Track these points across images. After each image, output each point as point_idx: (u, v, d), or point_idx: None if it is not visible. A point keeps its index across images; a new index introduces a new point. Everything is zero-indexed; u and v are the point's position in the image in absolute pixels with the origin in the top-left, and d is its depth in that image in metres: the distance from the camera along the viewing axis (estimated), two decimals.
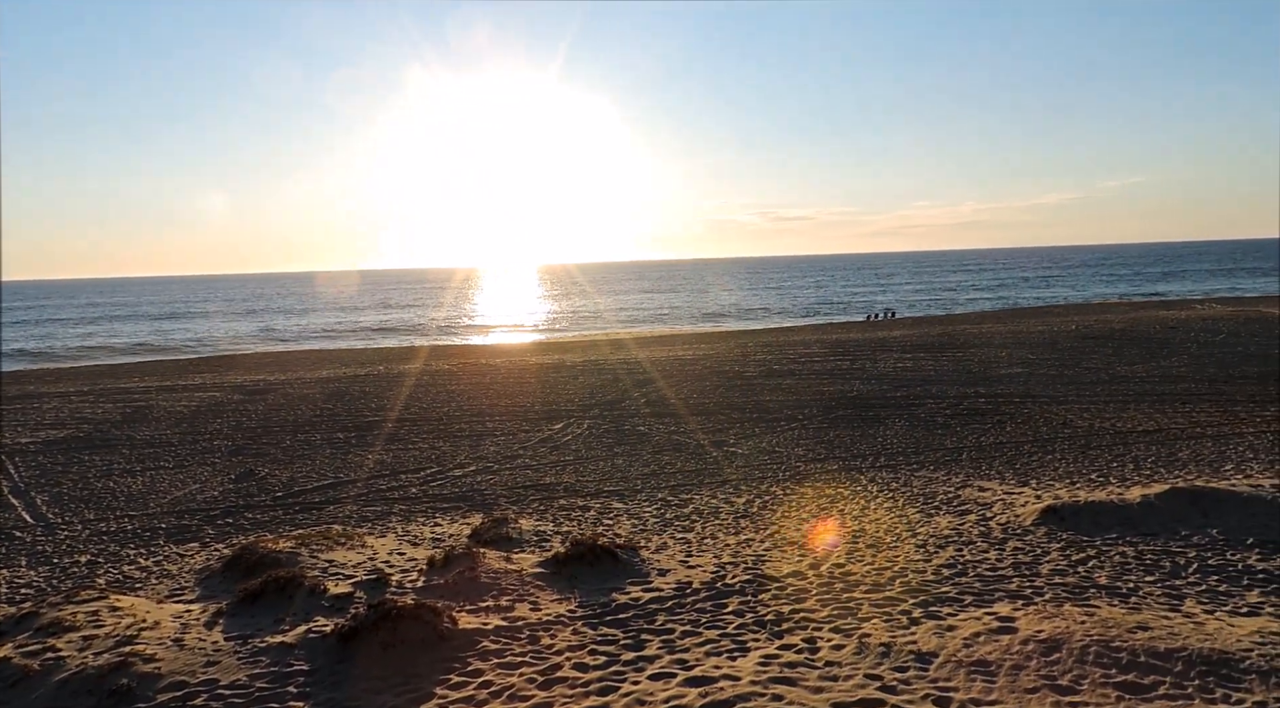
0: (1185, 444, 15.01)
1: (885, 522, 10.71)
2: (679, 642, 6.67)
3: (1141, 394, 20.14)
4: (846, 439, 16.70)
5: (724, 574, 8.39)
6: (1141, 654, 5.77)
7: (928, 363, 26.81)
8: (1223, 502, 10.34)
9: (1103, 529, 9.72)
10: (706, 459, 15.44)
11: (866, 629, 6.69)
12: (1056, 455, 14.66)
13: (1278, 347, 27.31)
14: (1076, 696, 5.30)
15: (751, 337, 42.39)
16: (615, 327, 62.49)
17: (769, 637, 6.68)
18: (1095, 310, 50.08)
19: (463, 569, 8.18)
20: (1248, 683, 5.36)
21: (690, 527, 11.08)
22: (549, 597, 7.79)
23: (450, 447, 17.18)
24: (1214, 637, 6.10)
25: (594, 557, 8.65)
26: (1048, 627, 6.28)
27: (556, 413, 20.47)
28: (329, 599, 7.70)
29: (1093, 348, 28.70)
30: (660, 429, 18.28)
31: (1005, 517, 10.54)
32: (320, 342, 55.29)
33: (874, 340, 34.42)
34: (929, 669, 5.80)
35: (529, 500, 13.08)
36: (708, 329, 56.44)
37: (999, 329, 37.26)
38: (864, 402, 20.57)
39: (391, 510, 12.76)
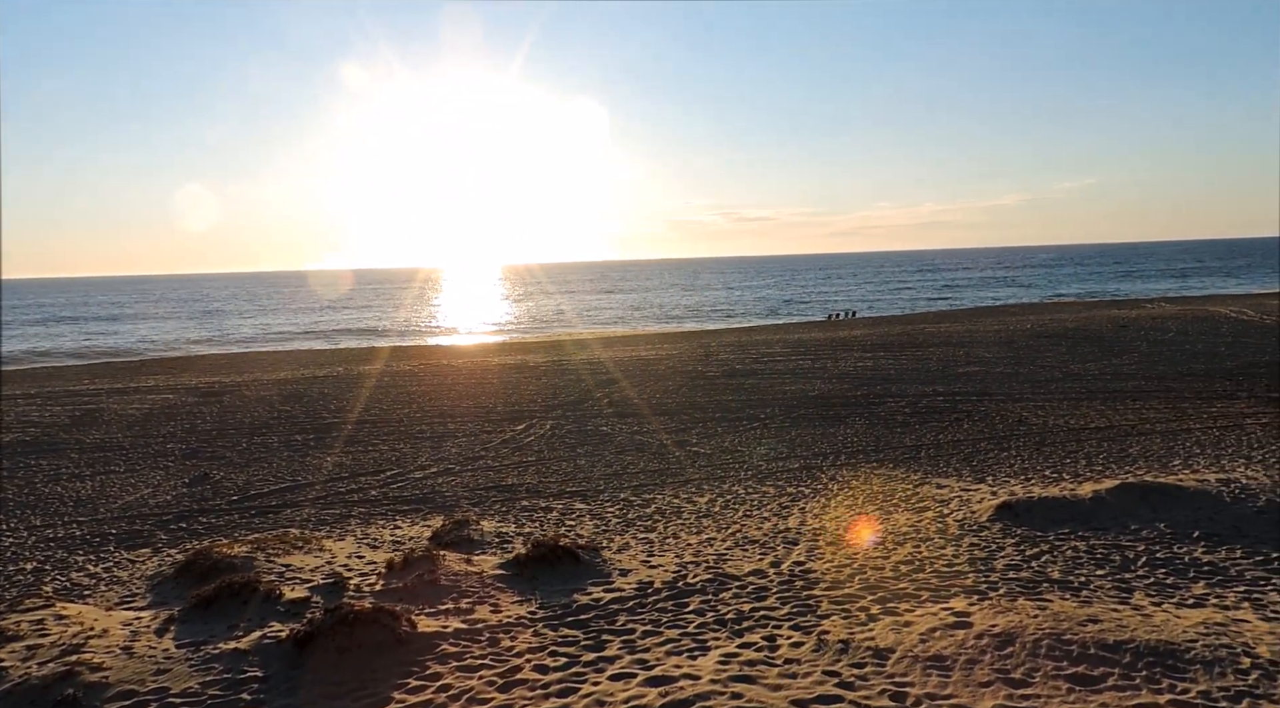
0: (1135, 440, 15.38)
1: (845, 519, 10.81)
2: (640, 642, 6.67)
3: (1094, 392, 20.60)
4: (808, 438, 16.84)
5: (685, 574, 8.41)
6: (1092, 647, 5.90)
7: (887, 362, 27.15)
8: (1170, 497, 10.61)
9: (1056, 524, 9.91)
10: (669, 459, 15.47)
11: (826, 627, 6.75)
12: (1012, 452, 14.94)
13: (1223, 345, 28.12)
14: (1029, 688, 5.40)
15: (714, 336, 42.59)
16: (578, 327, 62.40)
17: (729, 635, 6.71)
18: (1049, 310, 51.14)
19: (422, 572, 8.10)
20: (1192, 673, 5.51)
21: (652, 527, 11.09)
22: (510, 599, 7.74)
23: (411, 448, 17.01)
24: (1161, 628, 6.26)
25: (556, 558, 8.62)
26: (1002, 621, 6.39)
27: (519, 414, 20.37)
28: (285, 604, 7.57)
29: (1047, 346, 29.29)
30: (623, 429, 18.28)
31: (962, 513, 10.71)
32: (278, 343, 54.39)
33: (835, 340, 34.78)
34: (886, 665, 5.86)
35: (491, 502, 12.99)
36: (670, 329, 56.59)
37: (957, 328, 37.87)
38: (825, 401, 20.77)
39: (350, 513, 12.59)
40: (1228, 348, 27.44)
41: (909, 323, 45.78)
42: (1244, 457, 13.55)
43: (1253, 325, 33.24)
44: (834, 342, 34.01)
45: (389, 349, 43.28)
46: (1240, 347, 27.59)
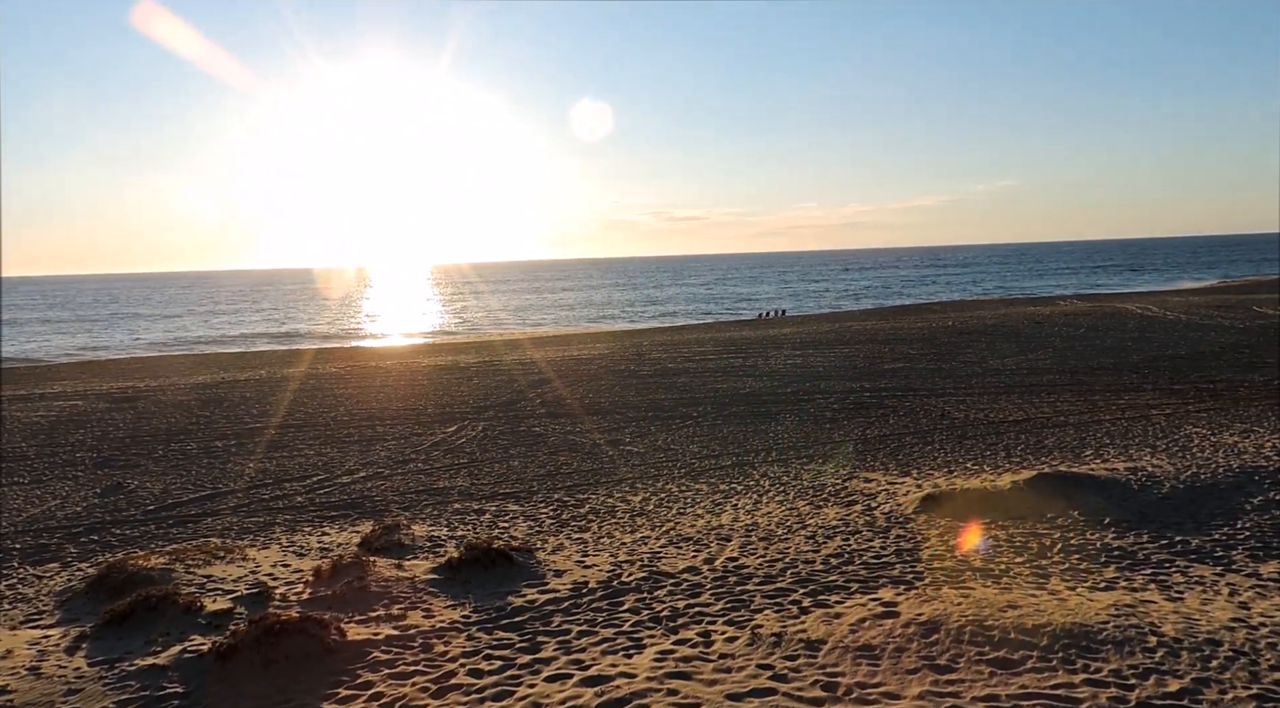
0: (1051, 432, 16.02)
1: (777, 515, 10.99)
2: (575, 642, 6.65)
3: (1012, 386, 21.37)
4: (740, 435, 17.05)
5: (620, 573, 8.42)
6: (1012, 632, 6.13)
7: (816, 359, 27.68)
8: (1083, 485, 11.10)
9: (977, 515, 10.25)
10: (602, 459, 15.47)
11: (759, 621, 6.84)
12: (935, 446, 15.39)
13: (1130, 340, 29.52)
14: (953, 674, 5.57)
15: (646, 335, 42.76)
16: (510, 327, 61.86)
17: (664, 633, 6.74)
18: (969, 307, 52.88)
19: (352, 579, 7.92)
20: (1105, 653, 5.77)
21: (587, 527, 11.07)
22: (443, 603, 7.63)
23: (338, 452, 16.61)
24: (1075, 612, 6.53)
25: (489, 561, 8.53)
26: (927, 610, 6.59)
27: (450, 415, 20.09)
28: (206, 617, 7.31)
29: (967, 343, 30.27)
30: (556, 430, 18.20)
31: (889, 506, 10.99)
32: (195, 345, 52.44)
33: (765, 338, 35.29)
34: (818, 656, 5.98)
35: (422, 505, 12.78)
36: (603, 328, 56.59)
37: (882, 326, 38.84)
38: (756, 398, 21.05)
39: (275, 521, 12.22)
40: (1134, 343, 28.81)
41: (836, 321, 46.76)
42: (1150, 446, 14.24)
43: (1157, 321, 34.99)
44: (764, 340, 34.50)
45: (313, 351, 42.15)
46: (1145, 342, 29.00)
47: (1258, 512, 10.00)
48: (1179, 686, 5.26)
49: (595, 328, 57.98)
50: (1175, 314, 36.99)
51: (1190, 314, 36.70)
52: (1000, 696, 5.23)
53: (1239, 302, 41.86)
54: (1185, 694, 5.15)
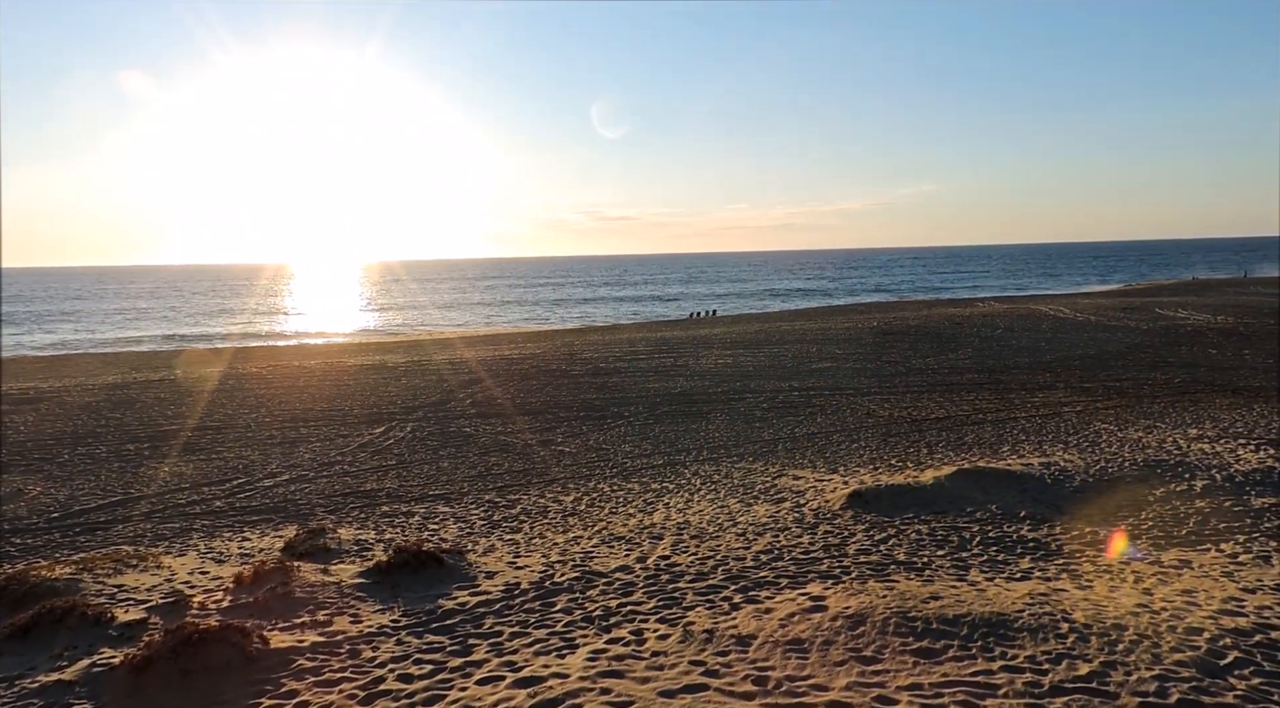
0: (970, 429, 16.58)
1: (708, 513, 11.10)
2: (507, 644, 6.60)
3: (934, 385, 22.05)
4: (671, 434, 17.16)
5: (552, 573, 8.39)
6: (934, 622, 6.32)
7: (746, 359, 28.04)
8: (1001, 480, 11.53)
9: (901, 510, 10.56)
10: (534, 459, 15.38)
11: (691, 618, 6.90)
12: (861, 443, 15.77)
13: (1044, 340, 30.77)
14: (879, 664, 5.73)
15: (578, 335, 42.65)
16: (440, 326, 60.95)
17: (597, 632, 6.74)
18: (893, 308, 54.32)
19: (275, 585, 7.69)
20: (1020, 640, 6.01)
21: (518, 528, 10.99)
22: (371, 608, 7.48)
23: (260, 455, 16.10)
24: (993, 601, 6.78)
25: (419, 563, 8.39)
26: (854, 603, 6.75)
27: (378, 416, 19.68)
28: (118, 628, 7.00)
29: (892, 343, 31.10)
30: (487, 430, 18.01)
31: (817, 503, 11.21)
32: (105, 344, 50.15)
33: (696, 338, 35.59)
34: (749, 651, 6.06)
35: (348, 509, 12.49)
36: (534, 328, 56.23)
37: (810, 327, 39.59)
38: (687, 397, 21.22)
39: (193, 527, 11.78)
40: (1047, 343, 30.04)
41: (766, 321, 47.46)
42: (1062, 442, 14.87)
43: (1068, 322, 36.54)
44: (695, 340, 34.80)
45: (232, 350, 40.77)
46: (1058, 342, 30.27)
47: (1160, 502, 10.55)
48: (1088, 669, 5.50)
49: (527, 327, 57.57)
50: (1085, 316, 38.69)
51: (1098, 316, 38.44)
52: (923, 684, 5.39)
53: (1142, 304, 44.03)
54: (1094, 677, 5.40)
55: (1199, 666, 5.53)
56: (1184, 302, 45.24)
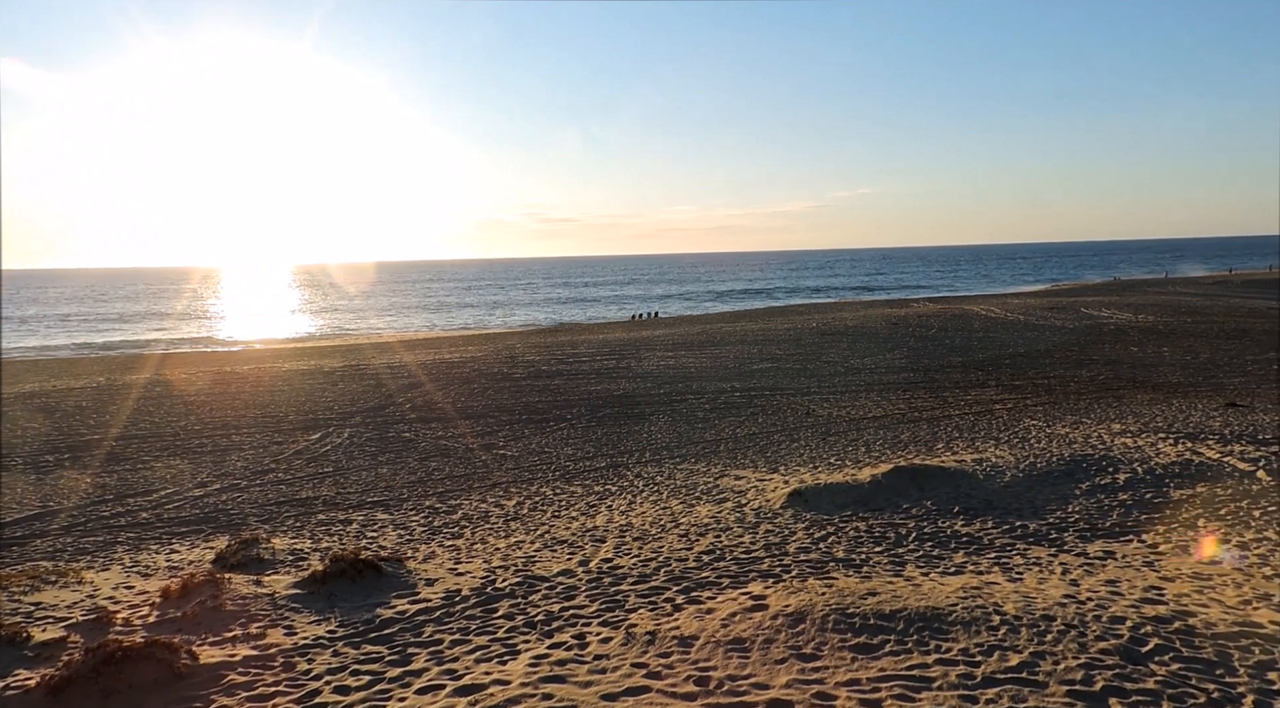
0: (906, 427, 16.95)
1: (651, 515, 11.12)
2: (448, 652, 6.51)
3: (871, 384, 22.48)
4: (613, 437, 17.15)
5: (494, 579, 8.30)
6: (871, 618, 6.44)
7: (688, 361, 28.20)
8: (935, 477, 11.80)
9: (840, 508, 10.73)
10: (475, 463, 15.21)
11: (633, 620, 6.90)
12: (801, 443, 15.99)
13: (976, 340, 31.64)
14: (818, 661, 5.80)
15: (519, 338, 42.36)
16: (379, 329, 59.89)
17: (539, 637, 6.70)
18: (832, 309, 55.24)
19: (205, 598, 7.45)
20: (954, 633, 6.15)
21: (459, 533, 10.85)
22: (306, 619, 7.29)
23: (189, 464, 15.58)
24: (928, 596, 6.94)
25: (356, 572, 8.22)
26: (794, 601, 6.83)
27: (314, 422, 19.23)
28: (35, 648, 6.69)
29: (830, 343, 31.62)
30: (427, 435, 17.75)
31: (758, 502, 11.33)
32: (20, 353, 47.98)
33: (638, 340, 35.66)
34: (691, 652, 6.09)
35: (283, 517, 12.17)
36: (475, 331, 55.66)
37: (751, 327, 40.00)
38: (629, 399, 21.23)
39: (117, 540, 11.34)
40: (979, 342, 30.90)
41: (707, 323, 47.80)
42: (994, 438, 15.30)
43: (999, 322, 37.64)
44: (637, 342, 34.86)
45: (158, 356, 39.42)
46: (989, 341, 31.16)
47: (1085, 496, 10.93)
48: (1019, 660, 5.67)
49: (467, 330, 56.95)
50: (1014, 315, 39.91)
51: (1027, 315, 39.69)
52: (861, 679, 5.48)
53: (1069, 304, 45.62)
54: (1024, 667, 5.56)
55: (1122, 653, 5.74)
56: (1107, 301, 47.01)
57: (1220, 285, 64.10)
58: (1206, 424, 15.48)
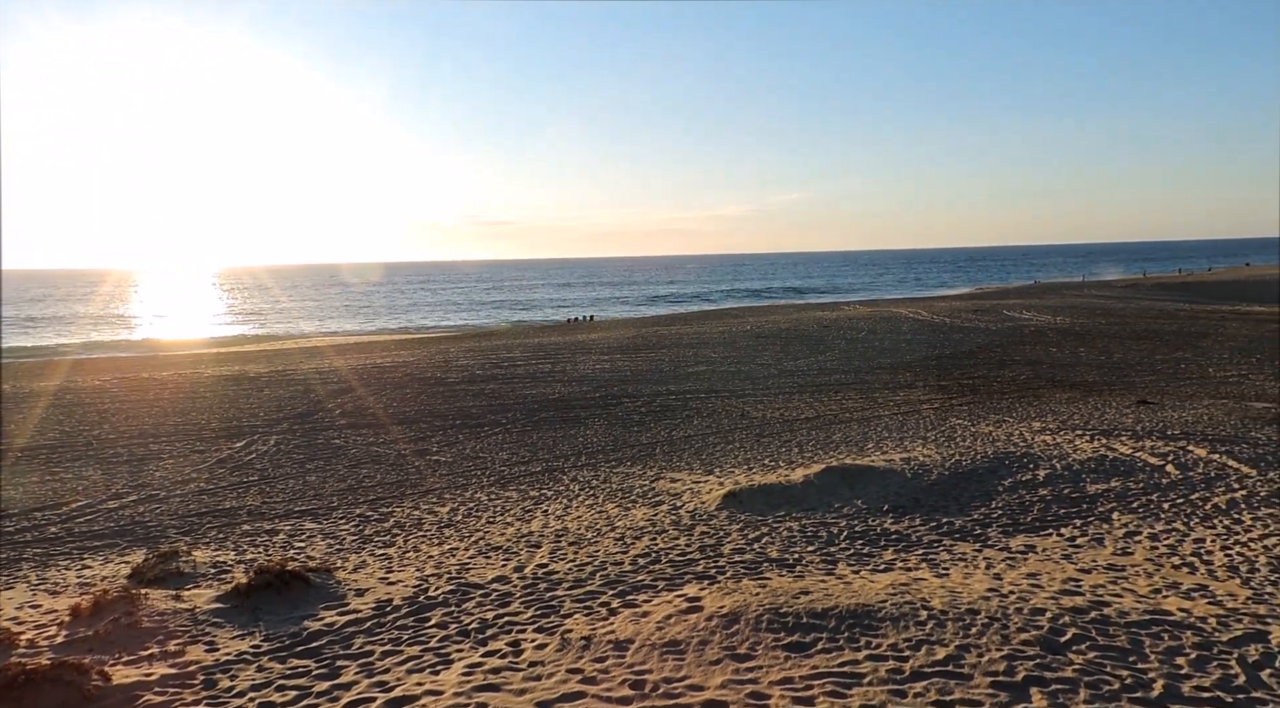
0: (838, 428, 17.26)
1: (587, 519, 11.08)
2: (378, 663, 6.36)
3: (804, 386, 22.85)
4: (549, 441, 17.04)
5: (427, 587, 8.16)
6: (804, 616, 6.53)
7: (624, 364, 28.22)
8: (865, 476, 12.05)
9: (773, 508, 10.86)
10: (408, 470, 14.93)
11: (569, 625, 6.85)
12: (736, 445, 16.14)
13: (904, 342, 32.44)
14: (752, 661, 5.86)
15: (453, 342, 41.79)
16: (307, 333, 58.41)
17: (473, 645, 6.60)
18: (766, 312, 55.99)
19: (119, 615, 7.13)
20: (883, 629, 6.28)
21: (391, 541, 10.63)
22: (229, 634, 7.05)
23: (103, 475, 14.92)
24: (859, 593, 7.07)
25: (282, 584, 7.97)
26: (728, 602, 6.88)
27: (238, 430, 18.63)
28: None
29: (764, 346, 32.03)
30: (358, 441, 17.36)
31: (693, 504, 11.39)
32: None
33: (574, 343, 35.54)
34: (626, 655, 6.08)
35: (205, 529, 11.74)
36: (408, 335, 54.72)
37: (686, 330, 40.26)
38: (565, 403, 21.14)
39: (21, 556, 10.76)
40: (907, 344, 31.70)
41: (643, 326, 47.93)
42: (921, 437, 15.69)
43: (926, 324, 38.68)
44: (573, 345, 34.75)
45: (69, 363, 37.67)
46: (916, 343, 31.99)
47: (1008, 492, 11.30)
48: (945, 653, 5.81)
49: (400, 334, 55.95)
50: (940, 318, 41.06)
51: (953, 318, 40.88)
52: (794, 678, 5.55)
53: (991, 306, 47.15)
54: (950, 661, 5.71)
55: (1042, 644, 5.94)
56: (1028, 304, 48.75)
57: (1132, 288, 67.14)
58: (1120, 421, 16.17)
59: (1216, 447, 13.48)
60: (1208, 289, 63.42)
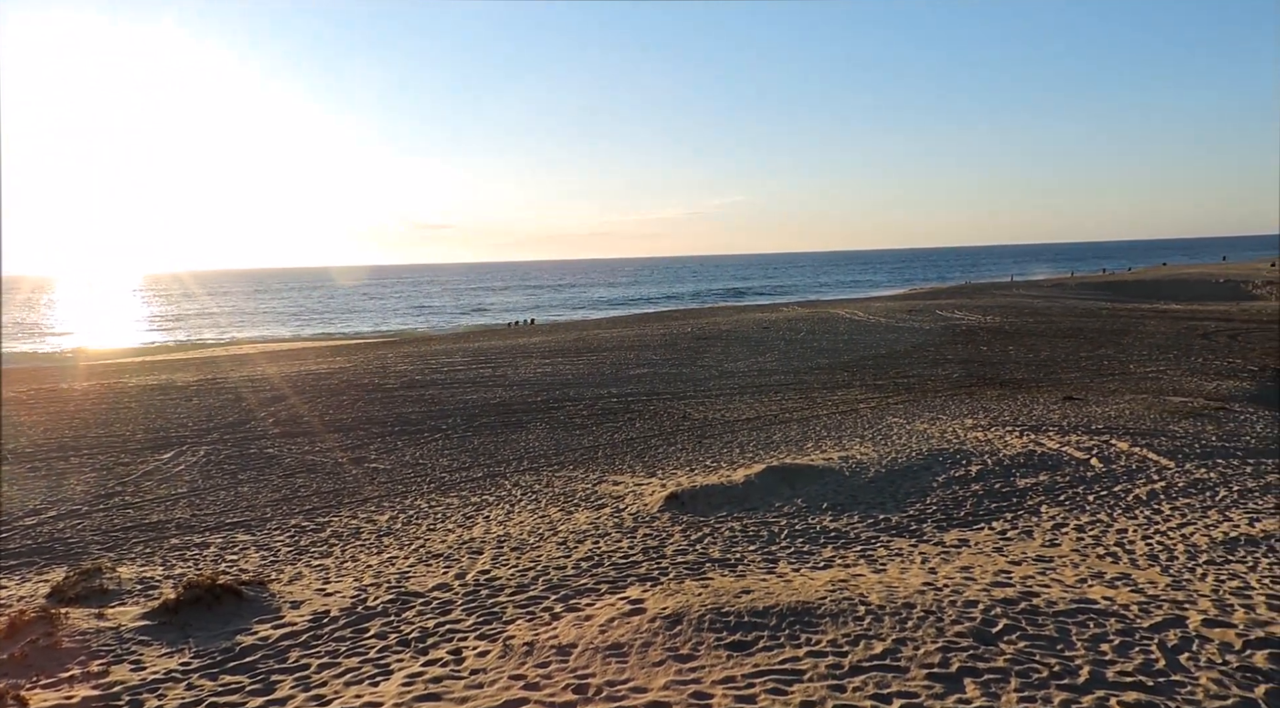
0: (778, 428, 17.48)
1: (529, 524, 11.00)
2: (315, 677, 6.21)
3: (744, 387, 23.08)
4: (490, 446, 16.88)
5: (365, 597, 7.99)
6: (745, 615, 6.59)
7: (565, 367, 28.13)
8: (805, 475, 12.23)
9: (715, 509, 10.95)
10: (345, 478, 14.63)
11: (511, 631, 6.80)
12: (678, 446, 16.22)
13: (842, 342, 33.03)
14: (695, 661, 5.89)
15: (391, 347, 41.10)
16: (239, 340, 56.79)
17: (413, 654, 6.49)
18: (706, 314, 56.42)
19: (37, 637, 6.82)
20: (823, 626, 6.38)
21: (329, 552, 10.40)
22: (156, 652, 6.80)
23: (19, 491, 14.26)
24: (799, 591, 7.17)
25: (213, 598, 7.73)
26: (671, 603, 6.90)
27: (165, 441, 18.00)
28: None
29: (705, 348, 32.27)
30: (293, 450, 16.94)
31: (636, 507, 11.40)
32: None
33: (515, 347, 35.29)
34: (569, 660, 6.05)
35: (131, 544, 11.31)
36: (345, 341, 53.63)
37: (628, 333, 40.32)
38: (506, 408, 20.97)
39: None
40: (845, 345, 32.28)
41: (584, 329, 47.84)
42: (859, 436, 15.99)
43: (862, 324, 39.45)
44: (514, 349, 34.50)
45: None
46: (854, 343, 32.60)
47: (942, 488, 11.59)
48: (883, 647, 5.93)
49: (337, 340, 54.80)
50: (876, 318, 41.93)
51: (888, 318, 41.78)
52: (736, 676, 5.60)
53: (925, 307, 48.32)
54: (888, 654, 5.83)
55: (975, 635, 6.10)
56: (960, 304, 50.10)
57: (1059, 288, 69.53)
58: (1047, 417, 16.73)
59: (1138, 440, 14.05)
60: (1128, 288, 66.08)
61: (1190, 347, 29.15)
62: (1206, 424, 15.67)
